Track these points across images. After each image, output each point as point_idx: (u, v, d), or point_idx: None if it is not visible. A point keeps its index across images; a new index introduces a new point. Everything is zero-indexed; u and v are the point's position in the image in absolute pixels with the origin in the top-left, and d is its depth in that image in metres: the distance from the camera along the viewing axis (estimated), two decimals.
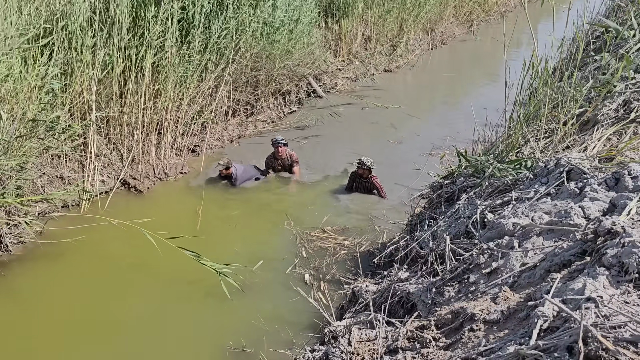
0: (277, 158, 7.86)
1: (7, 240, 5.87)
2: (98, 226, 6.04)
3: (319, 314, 4.31)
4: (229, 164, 7.40)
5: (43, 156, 6.54)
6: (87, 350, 4.77)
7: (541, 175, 4.52)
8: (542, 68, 5.74)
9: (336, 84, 11.83)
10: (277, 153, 7.80)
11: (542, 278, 3.05)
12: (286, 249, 6.28)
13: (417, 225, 5.61)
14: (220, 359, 4.64)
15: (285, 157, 7.86)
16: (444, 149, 8.31)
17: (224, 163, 7.35)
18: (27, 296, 5.38)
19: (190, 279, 5.66)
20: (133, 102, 7.32)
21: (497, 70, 13.54)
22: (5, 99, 5.54)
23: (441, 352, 2.96)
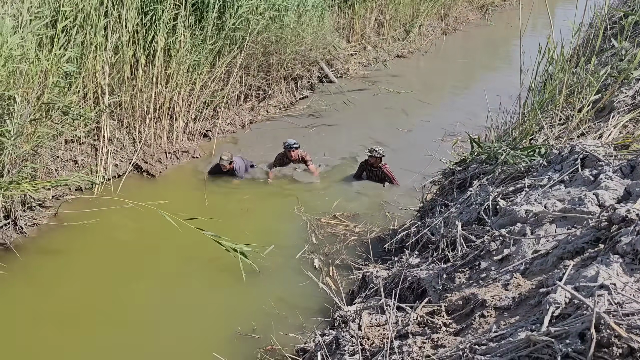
0: (290, 159, 7.74)
1: (21, 222, 5.94)
2: (111, 209, 6.11)
3: (329, 299, 4.34)
4: (232, 158, 7.31)
5: (57, 140, 6.59)
6: (100, 330, 4.84)
7: (555, 162, 4.48)
8: (558, 53, 5.65)
9: (348, 69, 11.76)
10: (290, 156, 7.68)
11: (555, 265, 3.03)
12: (296, 235, 6.30)
13: (429, 212, 5.59)
14: (230, 343, 4.68)
15: (297, 158, 7.74)
16: (456, 136, 8.25)
17: (228, 158, 7.23)
18: (41, 278, 5.46)
19: (201, 262, 5.72)
20: (145, 86, 7.34)
21: (511, 56, 13.40)
22: (19, 82, 5.57)
23: (451, 338, 2.97)
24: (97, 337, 4.77)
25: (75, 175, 6.48)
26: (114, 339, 4.77)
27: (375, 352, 3.29)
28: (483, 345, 2.49)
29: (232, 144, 8.43)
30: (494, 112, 6.28)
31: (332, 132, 9.01)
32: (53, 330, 4.80)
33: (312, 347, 4.18)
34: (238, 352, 4.47)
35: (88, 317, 5.00)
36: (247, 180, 7.51)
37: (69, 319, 4.95)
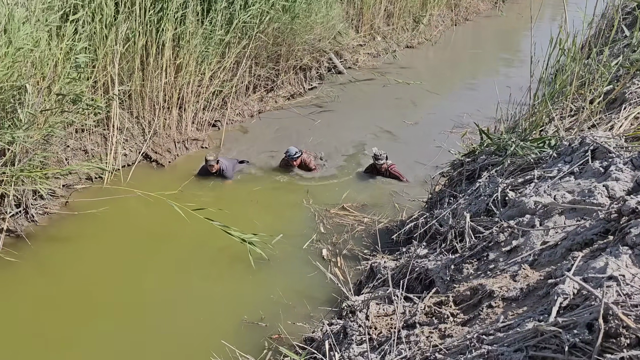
0: (293, 166, 7.56)
1: (33, 211, 6.00)
2: (121, 198, 6.15)
3: (336, 289, 4.36)
4: (217, 158, 7.10)
5: (67, 129, 6.64)
6: (109, 318, 4.90)
7: (565, 154, 4.46)
8: (570, 44, 5.60)
9: (357, 60, 11.71)
10: (292, 164, 7.49)
11: (563, 257, 3.03)
12: (305, 225, 6.32)
13: (437, 203, 5.59)
14: (238, 331, 4.72)
15: (300, 164, 7.53)
16: (465, 127, 8.22)
17: (213, 158, 7.02)
18: (52, 265, 5.52)
19: (210, 251, 5.75)
20: (155, 76, 7.36)
21: (521, 47, 13.29)
22: (31, 73, 5.60)
23: (459, 328, 2.98)
24: (106, 324, 4.82)
25: (86, 164, 6.53)
26: (122, 327, 4.82)
27: (383, 341, 3.31)
28: (490, 335, 2.50)
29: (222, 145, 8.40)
30: (503, 104, 6.25)
31: (340, 122, 8.99)
32: (64, 317, 4.86)
33: (319, 336, 4.21)
34: (246, 341, 4.50)
35: (97, 304, 5.05)
36: (258, 173, 7.50)
37: (79, 306, 5.00)
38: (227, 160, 7.29)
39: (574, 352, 1.97)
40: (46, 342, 4.62)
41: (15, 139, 5.38)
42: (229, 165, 7.20)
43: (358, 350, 3.35)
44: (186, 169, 7.43)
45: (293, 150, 7.43)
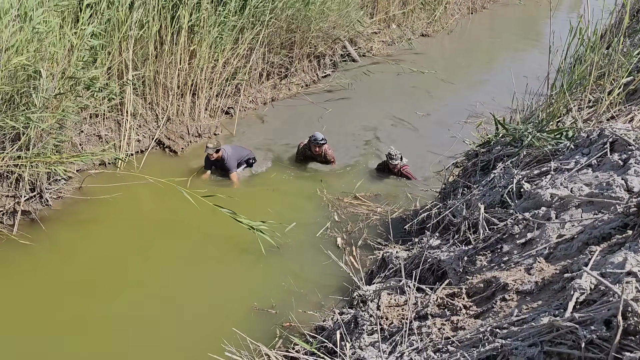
0: (313, 153, 7.28)
1: (47, 195, 6.05)
2: (134, 184, 6.17)
3: (348, 278, 4.34)
4: (219, 145, 6.63)
5: (81, 115, 6.66)
6: (120, 303, 4.93)
7: (583, 145, 4.38)
8: (590, 33, 5.49)
9: (372, 47, 11.60)
10: (314, 151, 7.22)
11: (580, 251, 2.98)
12: (319, 213, 6.30)
13: (451, 194, 5.54)
14: (249, 319, 4.73)
15: (320, 153, 7.27)
16: (480, 117, 8.12)
17: (214, 146, 6.55)
18: (65, 249, 5.56)
19: (222, 238, 5.76)
20: (168, 63, 7.34)
21: (539, 36, 13.08)
22: (45, 57, 5.61)
23: (471, 320, 2.95)
24: (117, 308, 4.86)
25: (100, 152, 6.55)
26: (133, 311, 4.86)
27: (394, 332, 3.29)
28: (504, 328, 2.47)
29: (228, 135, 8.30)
30: (519, 94, 6.15)
31: (354, 111, 8.93)
32: (76, 300, 4.91)
33: (330, 325, 4.21)
34: (256, 328, 4.52)
35: (109, 289, 5.09)
36: (271, 161, 7.46)
37: (91, 289, 5.04)
38: (232, 149, 6.85)
39: (591, 348, 1.94)
40: (59, 322, 4.67)
41: (31, 123, 5.40)
42: (232, 154, 6.75)
43: (369, 340, 3.34)
44: (199, 156, 7.42)
45: (320, 135, 7.17)
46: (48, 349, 4.40)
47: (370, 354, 3.10)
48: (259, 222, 5.39)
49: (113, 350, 4.43)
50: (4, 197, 5.78)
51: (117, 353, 4.42)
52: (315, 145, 7.12)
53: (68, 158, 6.06)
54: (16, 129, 5.50)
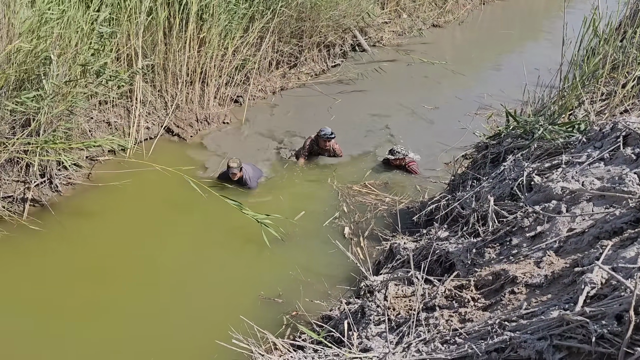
0: (321, 148, 7.19)
1: (57, 181, 6.08)
2: (143, 171, 6.19)
3: (355, 268, 4.34)
4: (241, 164, 6.37)
5: (91, 101, 6.67)
6: (128, 289, 4.97)
7: (595, 139, 4.34)
8: (604, 25, 5.41)
9: (382, 37, 11.51)
10: (323, 145, 7.14)
11: (591, 245, 2.95)
12: (327, 203, 6.28)
13: (460, 185, 5.51)
14: (256, 307, 4.75)
15: (329, 148, 7.19)
16: (490, 109, 8.06)
17: (237, 165, 6.29)
18: (75, 235, 5.59)
19: (231, 227, 5.78)
20: (178, 50, 7.33)
21: (552, 28, 12.92)
22: (56, 43, 5.61)
23: (479, 313, 2.94)
24: (125, 294, 4.90)
25: (110, 138, 6.57)
26: (140, 298, 4.89)
27: (401, 322, 3.29)
28: (513, 321, 2.46)
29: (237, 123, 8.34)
30: (531, 86, 6.09)
31: (363, 101, 8.89)
32: (85, 285, 4.94)
33: (337, 314, 4.22)
34: (263, 316, 4.54)
35: (117, 275, 5.12)
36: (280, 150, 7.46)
37: (99, 276, 5.08)
38: (252, 169, 6.61)
39: (602, 343, 1.93)
40: (69, 308, 4.71)
41: (41, 109, 5.42)
42: (253, 175, 6.53)
43: (376, 331, 3.35)
44: (208, 145, 7.43)
45: (328, 129, 7.09)
46: (57, 334, 4.45)
47: (377, 344, 3.10)
48: (263, 216, 5.41)
49: (121, 336, 4.47)
50: (14, 183, 5.82)
51: (124, 339, 4.45)
52: (325, 139, 7.05)
53: (77, 144, 6.08)
54: (26, 114, 5.52)
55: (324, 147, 7.17)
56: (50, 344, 4.34)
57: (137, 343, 4.41)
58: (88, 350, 4.30)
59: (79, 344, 4.36)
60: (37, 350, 4.28)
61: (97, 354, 4.26)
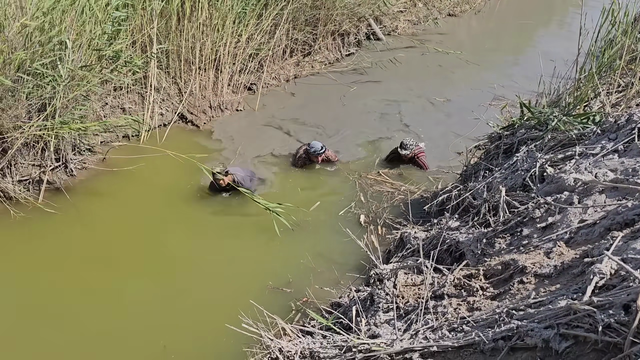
0: (313, 161, 6.75)
1: (72, 165, 6.16)
2: (156, 157, 6.24)
3: (366, 256, 4.36)
4: (226, 169, 5.94)
5: (105, 87, 6.73)
6: (140, 273, 5.05)
7: (610, 130, 4.30)
8: (622, 16, 5.33)
9: (397, 26, 11.43)
10: (315, 160, 6.70)
11: (601, 236, 2.94)
12: (344, 194, 6.27)
13: (472, 176, 5.49)
14: (266, 294, 4.79)
15: (322, 160, 6.77)
16: (505, 100, 7.99)
17: (220, 170, 5.83)
18: (88, 218, 5.68)
19: (243, 214, 5.83)
20: (191, 36, 7.34)
21: (570, 19, 12.75)
22: (71, 28, 5.66)
23: (488, 302, 2.95)
24: (136, 278, 4.97)
25: (124, 117, 6.64)
26: (152, 281, 4.97)
27: (410, 310, 3.32)
28: (521, 310, 2.47)
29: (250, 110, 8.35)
30: (546, 77, 6.03)
31: (377, 89, 8.85)
32: (98, 268, 5.01)
33: (346, 302, 4.25)
34: (273, 302, 4.58)
35: (129, 259, 5.20)
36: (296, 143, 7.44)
37: (112, 259, 5.15)
38: (242, 170, 6.11)
39: (608, 332, 1.93)
40: (81, 289, 4.79)
41: (56, 93, 5.49)
42: (244, 175, 6.02)
43: (384, 318, 3.37)
44: (220, 132, 7.47)
45: (318, 145, 6.60)
46: (72, 314, 4.53)
47: (385, 330, 3.13)
48: (275, 204, 5.43)
49: (132, 319, 4.54)
50: (30, 167, 5.91)
51: (135, 321, 4.53)
52: (316, 156, 6.60)
53: (92, 125, 6.14)
54: (42, 99, 5.59)
55: (318, 162, 6.77)
56: (64, 325, 4.43)
57: (148, 325, 4.48)
58: (100, 330, 4.38)
59: (91, 324, 4.44)
60: (50, 330, 4.37)
61: (108, 335, 4.33)
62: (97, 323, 4.45)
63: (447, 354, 2.55)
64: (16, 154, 5.73)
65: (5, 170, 5.72)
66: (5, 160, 5.62)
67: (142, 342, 4.34)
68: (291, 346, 3.30)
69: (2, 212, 5.49)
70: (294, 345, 3.31)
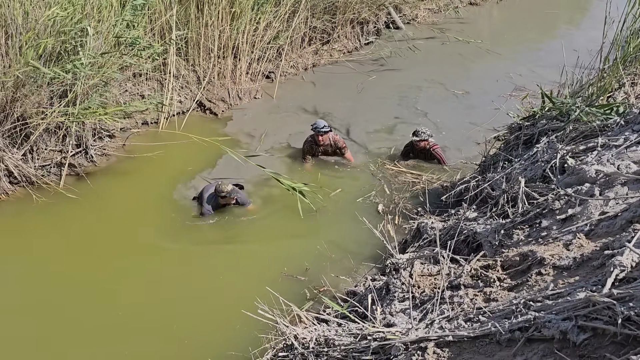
0: (319, 145, 6.52)
1: (92, 151, 6.24)
2: (175, 144, 6.30)
3: (382, 246, 4.35)
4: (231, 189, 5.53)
5: (125, 74, 6.78)
6: (156, 256, 5.14)
7: (634, 122, 4.21)
8: None
9: (417, 15, 11.31)
10: (319, 142, 6.47)
11: (623, 228, 2.90)
12: (366, 182, 6.27)
13: (491, 167, 5.43)
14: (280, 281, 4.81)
15: (328, 143, 6.52)
16: (526, 90, 7.87)
17: (228, 191, 5.46)
18: (109, 203, 5.75)
19: (261, 199, 5.87)
20: (210, 24, 7.36)
21: (594, 8, 12.48)
22: (92, 15, 5.71)
23: (505, 293, 2.93)
24: (154, 263, 5.05)
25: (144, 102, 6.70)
26: (169, 263, 5.04)
27: (425, 300, 3.31)
28: (538, 302, 2.45)
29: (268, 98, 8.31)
30: (569, 67, 5.91)
31: (397, 79, 8.79)
32: (117, 253, 5.11)
33: (362, 290, 4.26)
34: (289, 290, 4.59)
35: (147, 244, 5.27)
36: None
37: (132, 244, 5.23)
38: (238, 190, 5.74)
39: (628, 325, 1.90)
40: (101, 273, 4.88)
41: (77, 80, 5.55)
42: (241, 193, 5.77)
43: (400, 307, 3.37)
44: (239, 120, 7.49)
45: (322, 122, 6.43)
46: (91, 299, 4.62)
47: (401, 320, 3.12)
48: (300, 184, 5.37)
49: (148, 302, 4.61)
50: (52, 152, 6.00)
51: (151, 304, 4.59)
52: (318, 133, 6.36)
53: (113, 110, 6.21)
54: (64, 85, 5.66)
55: (321, 144, 6.47)
56: (84, 309, 4.51)
57: (163, 309, 4.55)
58: (117, 312, 4.46)
59: (109, 307, 4.51)
60: (72, 314, 4.45)
61: (125, 316, 4.41)
62: (112, 304, 4.54)
63: (462, 344, 2.54)
64: (38, 139, 5.83)
65: (28, 156, 5.83)
66: (27, 145, 5.72)
67: (155, 324, 4.41)
68: (306, 333, 3.31)
69: (26, 197, 5.60)
70: (309, 332, 3.33)
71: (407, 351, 2.68)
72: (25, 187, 5.68)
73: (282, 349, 3.45)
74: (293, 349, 3.32)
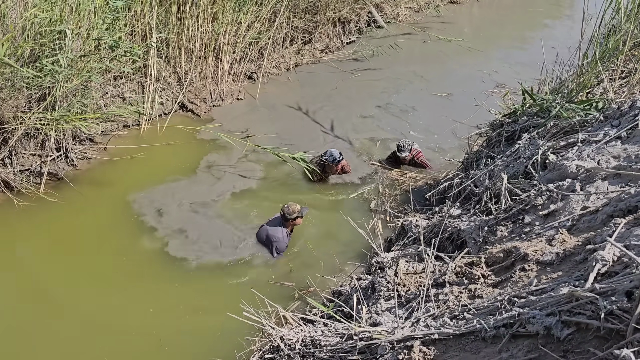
0: (330, 173, 6.26)
1: (72, 155, 6.14)
2: (157, 145, 6.25)
3: (368, 244, 4.35)
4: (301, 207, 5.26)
5: (105, 77, 6.69)
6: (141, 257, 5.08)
7: (613, 117, 4.27)
8: (627, 1, 5.27)
9: (398, 14, 11.34)
10: (333, 171, 6.22)
11: (604, 223, 2.93)
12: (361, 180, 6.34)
13: (473, 164, 5.47)
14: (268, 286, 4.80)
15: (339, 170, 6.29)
16: (507, 87, 7.94)
17: (299, 209, 5.19)
18: (91, 207, 5.66)
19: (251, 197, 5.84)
20: (191, 25, 7.29)
21: (573, 5, 12.68)
22: (70, 18, 5.62)
23: (489, 289, 2.94)
24: (140, 264, 4.99)
25: (125, 107, 6.62)
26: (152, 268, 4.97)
27: (411, 298, 3.31)
28: (522, 298, 2.46)
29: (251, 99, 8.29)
30: (549, 64, 5.97)
31: (379, 78, 8.80)
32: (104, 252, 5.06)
33: (347, 290, 4.25)
34: (275, 292, 4.60)
35: (132, 245, 5.21)
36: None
37: (117, 246, 5.17)
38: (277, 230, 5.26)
39: (610, 319, 1.92)
40: (86, 274, 4.82)
41: (56, 83, 5.46)
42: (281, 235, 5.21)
43: (386, 306, 3.37)
44: (221, 120, 7.44)
45: (336, 152, 6.09)
46: (78, 300, 4.55)
47: (387, 318, 3.12)
48: (300, 153, 5.77)
49: (133, 305, 4.56)
50: (31, 157, 5.90)
51: (136, 308, 4.54)
52: (336, 164, 6.08)
53: (92, 116, 6.12)
54: (42, 88, 5.56)
55: (334, 172, 6.25)
56: (72, 314, 4.45)
57: (148, 313, 4.49)
58: (98, 317, 4.40)
59: (90, 311, 4.46)
60: (58, 321, 4.38)
61: (106, 324, 4.36)
62: (97, 310, 4.48)
63: (448, 341, 2.54)
64: (17, 144, 5.72)
65: (6, 161, 5.71)
66: (5, 150, 5.61)
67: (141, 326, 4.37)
68: (292, 334, 3.30)
69: (6, 202, 5.50)
70: (296, 333, 3.31)
71: (393, 350, 2.68)
72: (4, 192, 5.57)
73: (269, 350, 3.43)
74: (279, 350, 3.30)
